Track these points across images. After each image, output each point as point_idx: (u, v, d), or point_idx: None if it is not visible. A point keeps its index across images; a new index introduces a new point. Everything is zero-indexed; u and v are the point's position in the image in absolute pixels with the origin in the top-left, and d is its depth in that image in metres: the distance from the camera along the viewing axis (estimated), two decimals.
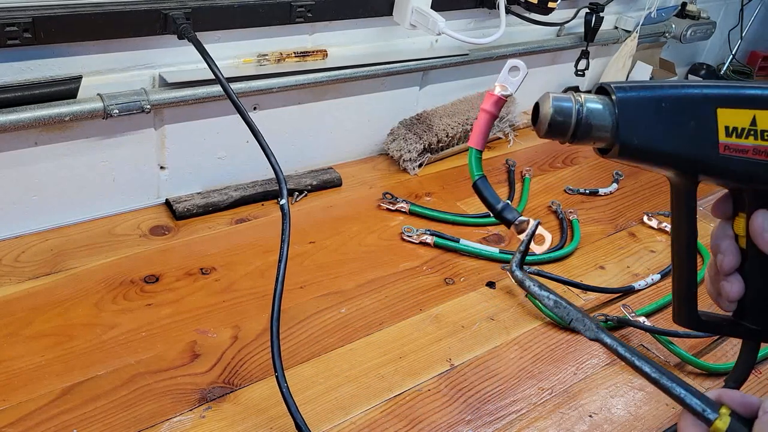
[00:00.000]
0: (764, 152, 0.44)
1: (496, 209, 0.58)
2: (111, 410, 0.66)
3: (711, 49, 1.77)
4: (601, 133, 0.45)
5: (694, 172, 0.48)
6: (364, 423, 0.69)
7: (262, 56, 0.95)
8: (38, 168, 0.84)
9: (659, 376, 0.47)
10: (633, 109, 0.45)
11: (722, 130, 0.44)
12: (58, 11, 0.75)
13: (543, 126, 0.46)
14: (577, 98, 0.46)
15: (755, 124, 0.44)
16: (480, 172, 0.58)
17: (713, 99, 0.44)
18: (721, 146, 0.44)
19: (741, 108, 0.44)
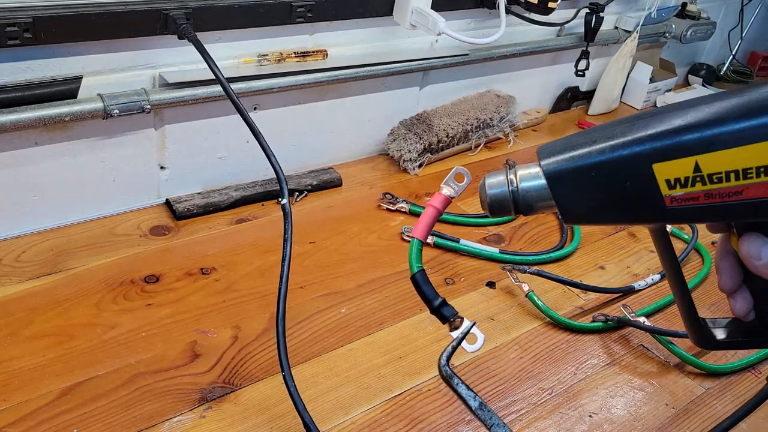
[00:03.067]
0: (718, 195, 0.40)
1: (433, 305, 0.57)
2: (111, 410, 0.66)
3: (711, 50, 1.77)
4: (544, 205, 0.45)
5: (652, 224, 0.46)
6: (365, 423, 0.69)
7: (263, 56, 0.95)
8: (38, 168, 0.84)
9: None
10: (564, 183, 0.43)
11: (663, 185, 0.40)
12: (58, 11, 0.75)
13: (486, 210, 0.47)
14: (511, 179, 0.45)
15: (699, 170, 0.39)
16: (419, 265, 0.57)
17: (645, 157, 0.40)
18: (667, 199, 0.41)
19: (679, 158, 0.39)
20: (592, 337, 0.85)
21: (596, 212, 0.43)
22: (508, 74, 1.31)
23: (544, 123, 1.41)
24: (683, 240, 1.06)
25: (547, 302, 0.87)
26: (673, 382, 0.79)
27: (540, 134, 1.36)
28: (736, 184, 0.39)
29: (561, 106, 1.47)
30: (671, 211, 0.41)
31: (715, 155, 0.39)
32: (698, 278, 0.97)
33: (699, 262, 1.02)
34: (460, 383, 0.61)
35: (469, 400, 0.60)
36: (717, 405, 0.77)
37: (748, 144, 0.38)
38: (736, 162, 0.38)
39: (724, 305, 0.94)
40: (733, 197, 0.40)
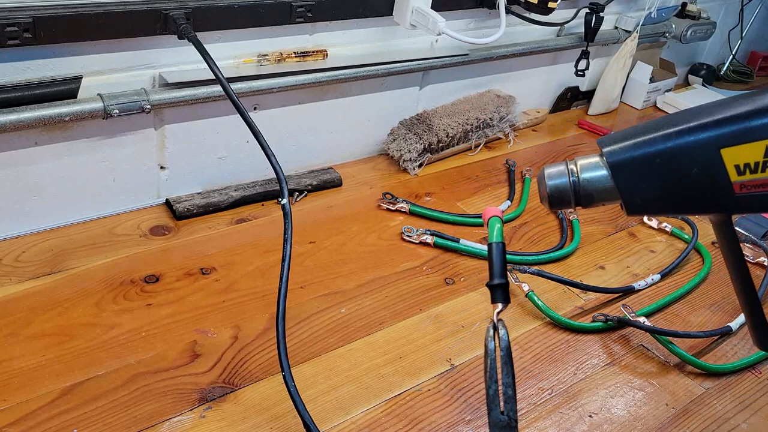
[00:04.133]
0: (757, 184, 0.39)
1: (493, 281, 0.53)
2: (111, 410, 0.66)
3: (711, 49, 1.77)
4: (606, 197, 0.43)
5: (718, 213, 0.44)
6: (365, 423, 0.69)
7: (263, 56, 0.95)
8: (38, 168, 0.84)
9: None
10: (629, 171, 0.42)
11: (732, 171, 0.39)
12: (58, 11, 0.75)
13: (545, 203, 0.46)
14: (572, 169, 0.44)
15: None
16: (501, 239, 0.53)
17: (713, 141, 0.39)
18: (736, 186, 0.39)
19: (749, 142, 0.38)
20: (592, 337, 0.85)
21: (660, 202, 0.41)
22: (508, 74, 1.31)
23: (544, 123, 1.41)
24: (683, 240, 1.06)
25: (547, 302, 0.87)
26: (673, 382, 0.79)
27: (540, 134, 1.36)
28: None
29: (561, 106, 1.47)
30: (739, 198, 0.40)
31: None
32: (698, 278, 0.97)
33: (699, 262, 1.02)
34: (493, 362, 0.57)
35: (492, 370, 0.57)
36: (717, 405, 0.77)
37: None
38: None
39: (724, 305, 0.94)
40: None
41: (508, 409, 0.54)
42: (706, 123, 0.39)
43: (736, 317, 0.90)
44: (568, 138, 1.37)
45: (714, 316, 0.91)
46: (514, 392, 0.54)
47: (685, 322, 0.90)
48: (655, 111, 1.56)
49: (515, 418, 0.53)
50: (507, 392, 0.54)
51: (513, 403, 0.54)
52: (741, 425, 0.75)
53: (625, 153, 0.42)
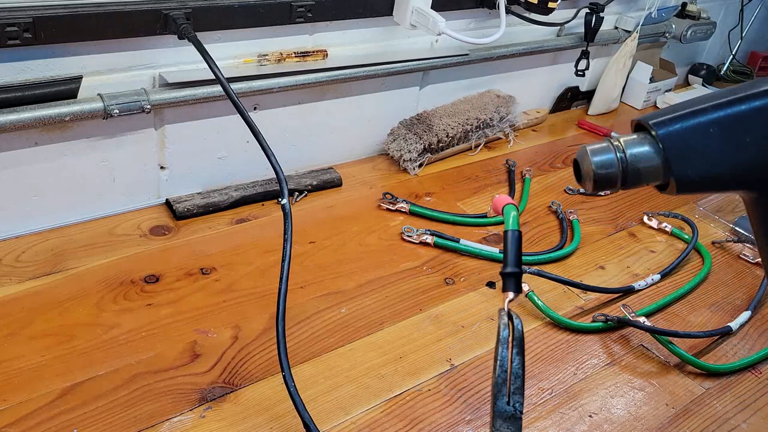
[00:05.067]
0: None
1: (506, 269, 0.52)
2: (111, 410, 0.66)
3: (711, 50, 1.77)
4: (652, 174, 0.42)
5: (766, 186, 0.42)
6: (365, 423, 0.69)
7: (263, 56, 0.95)
8: (38, 168, 0.84)
9: None
10: (680, 143, 0.40)
11: None
12: (58, 11, 0.75)
13: (589, 183, 0.43)
14: (617, 145, 0.42)
15: None
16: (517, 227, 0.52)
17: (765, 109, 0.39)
18: None
19: None
20: (592, 337, 0.85)
21: (713, 175, 0.40)
22: (508, 74, 1.31)
23: (544, 123, 1.41)
24: (683, 240, 1.06)
25: (547, 302, 0.87)
26: (673, 382, 0.79)
27: (540, 134, 1.36)
28: None
29: (561, 106, 1.47)
30: None
31: None
32: (698, 278, 0.97)
33: (699, 262, 1.02)
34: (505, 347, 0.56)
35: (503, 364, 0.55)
36: (717, 405, 0.77)
37: None
38: None
39: (724, 305, 0.94)
40: None
41: (515, 401, 0.52)
42: (759, 92, 0.39)
43: (736, 317, 0.90)
44: (568, 138, 1.37)
45: (714, 316, 0.91)
46: (523, 384, 0.51)
47: (685, 322, 0.90)
48: None
49: (521, 410, 0.51)
50: (516, 382, 0.53)
51: (521, 395, 0.52)
52: (741, 425, 0.75)
53: (676, 124, 0.40)
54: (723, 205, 1.19)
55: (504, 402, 0.52)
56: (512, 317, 0.54)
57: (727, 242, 1.08)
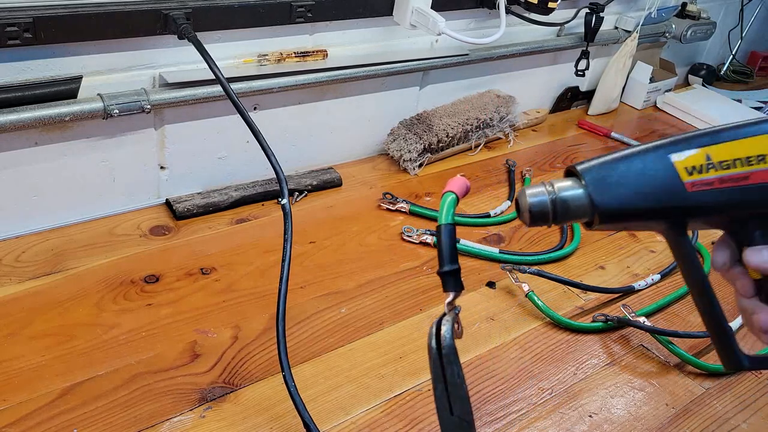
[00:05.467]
0: (729, 180, 0.49)
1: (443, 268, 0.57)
2: (111, 410, 0.66)
3: (711, 50, 1.77)
4: (579, 209, 0.50)
5: (677, 217, 0.51)
6: (365, 423, 0.69)
7: (263, 56, 0.95)
8: (39, 168, 0.84)
9: None
10: (600, 179, 0.49)
11: (683, 172, 0.49)
12: (58, 11, 0.75)
13: (526, 219, 0.51)
14: (549, 189, 0.50)
15: (710, 160, 0.49)
16: (453, 220, 0.58)
17: (666, 149, 0.49)
18: (688, 185, 0.49)
19: (692, 151, 0.49)
20: (592, 337, 0.85)
21: (627, 203, 0.49)
22: (508, 74, 1.31)
23: (544, 123, 1.41)
24: None
25: (547, 302, 0.87)
26: (673, 382, 0.79)
27: (540, 134, 1.36)
28: (742, 170, 0.48)
29: (561, 106, 1.47)
30: (693, 195, 0.49)
31: (721, 146, 0.49)
32: None
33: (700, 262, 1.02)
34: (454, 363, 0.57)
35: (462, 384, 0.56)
36: (717, 405, 0.77)
37: (746, 138, 0.48)
38: (739, 152, 0.48)
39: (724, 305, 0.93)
40: (741, 182, 0.49)
41: (457, 410, 0.54)
42: (660, 143, 0.49)
43: (736, 317, 0.90)
44: (568, 138, 1.37)
45: None
46: (465, 391, 0.53)
47: (685, 322, 0.90)
48: (655, 111, 1.56)
49: (467, 418, 0.53)
50: (454, 393, 0.54)
51: (463, 403, 0.54)
52: (741, 425, 0.75)
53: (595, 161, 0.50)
54: None
55: (448, 415, 0.54)
56: (440, 327, 0.55)
57: None
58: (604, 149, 1.34)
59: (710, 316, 0.54)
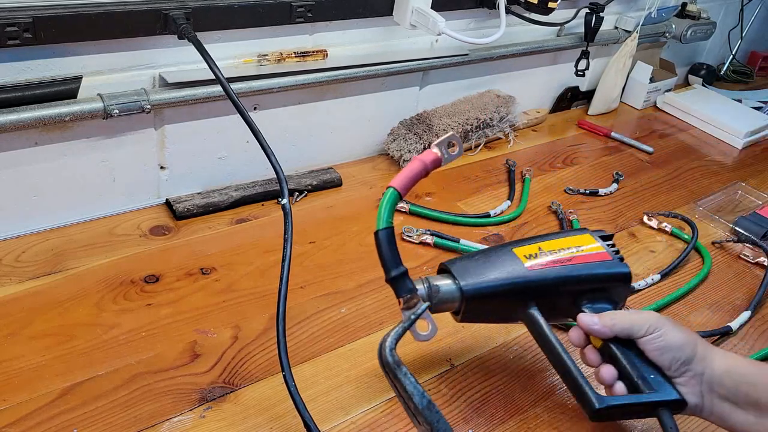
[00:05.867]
0: (558, 261, 0.68)
1: (390, 274, 0.63)
2: (111, 410, 0.66)
3: (711, 49, 1.77)
4: (449, 293, 0.65)
5: (526, 293, 0.67)
6: (365, 423, 0.69)
7: (262, 56, 0.95)
8: (38, 168, 0.84)
9: None
10: (464, 268, 0.67)
11: (523, 258, 0.68)
12: (58, 11, 0.75)
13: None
14: (425, 282, 0.65)
15: (542, 250, 0.69)
16: (389, 221, 0.63)
17: (509, 245, 0.69)
18: (528, 266, 0.67)
19: (529, 245, 0.70)
20: None
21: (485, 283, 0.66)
22: (508, 74, 1.31)
23: (544, 123, 1.41)
24: (683, 240, 1.06)
25: None
26: None
27: (540, 134, 1.36)
28: (565, 256, 0.69)
29: (561, 106, 1.47)
30: (532, 272, 0.67)
31: (549, 242, 0.70)
32: (698, 278, 0.97)
33: (699, 262, 1.02)
34: (407, 375, 0.58)
35: (415, 396, 0.57)
36: None
37: (567, 236, 0.71)
38: (562, 244, 0.70)
39: (724, 305, 0.94)
40: (567, 262, 0.68)
41: (422, 420, 0.55)
42: (506, 243, 0.70)
43: (736, 317, 0.90)
44: (568, 138, 1.37)
45: (714, 316, 0.91)
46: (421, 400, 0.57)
47: (685, 322, 0.90)
48: (656, 111, 1.56)
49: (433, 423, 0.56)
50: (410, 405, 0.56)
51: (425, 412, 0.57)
52: None
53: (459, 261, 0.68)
54: (723, 205, 1.19)
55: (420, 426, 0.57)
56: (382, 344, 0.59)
57: (727, 242, 1.08)
58: (604, 149, 1.34)
59: (566, 376, 0.64)
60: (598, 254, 0.70)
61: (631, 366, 0.63)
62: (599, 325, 0.65)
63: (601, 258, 0.70)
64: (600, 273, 0.69)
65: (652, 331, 0.63)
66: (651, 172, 1.28)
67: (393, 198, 0.63)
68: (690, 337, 0.64)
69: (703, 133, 1.49)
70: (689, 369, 0.63)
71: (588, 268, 0.68)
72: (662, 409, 0.62)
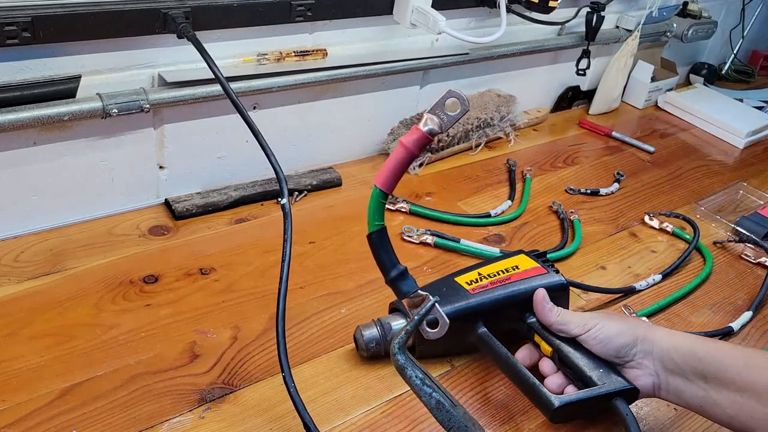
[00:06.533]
0: (497, 281, 0.76)
1: (390, 275, 0.63)
2: (111, 410, 0.66)
3: (712, 49, 1.77)
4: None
5: (473, 317, 0.73)
6: (365, 423, 0.68)
7: (262, 55, 0.95)
8: (37, 168, 0.84)
9: None
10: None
11: (465, 284, 0.75)
12: (57, 11, 0.74)
13: (362, 347, 0.73)
14: (377, 324, 0.74)
15: (481, 274, 0.77)
16: (379, 223, 0.63)
17: (450, 276, 0.77)
18: (470, 291, 0.74)
19: (469, 272, 0.78)
20: None
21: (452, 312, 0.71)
22: (508, 73, 1.31)
23: (545, 122, 1.41)
24: (685, 240, 1.06)
25: None
26: None
27: (541, 134, 1.36)
28: (503, 276, 0.77)
29: (562, 106, 1.47)
30: (475, 295, 0.74)
31: (486, 267, 0.78)
32: (700, 278, 0.97)
33: (700, 262, 1.02)
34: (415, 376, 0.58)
35: (424, 397, 0.56)
36: None
37: (502, 260, 0.80)
38: (497, 267, 0.78)
39: (726, 305, 0.94)
40: (506, 281, 0.76)
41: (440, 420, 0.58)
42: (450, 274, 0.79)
43: (737, 317, 0.90)
44: (569, 138, 1.37)
45: (715, 317, 0.91)
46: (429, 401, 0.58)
47: (686, 322, 0.89)
48: (657, 110, 1.56)
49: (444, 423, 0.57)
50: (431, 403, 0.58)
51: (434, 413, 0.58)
52: None
53: None
54: (724, 204, 1.18)
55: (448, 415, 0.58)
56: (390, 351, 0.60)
57: (728, 242, 1.08)
58: (605, 149, 1.34)
59: (523, 383, 0.68)
60: (534, 269, 0.77)
61: (582, 363, 0.68)
62: (550, 305, 0.71)
63: (537, 272, 0.77)
64: (537, 285, 0.74)
65: (588, 329, 0.68)
66: (652, 171, 1.28)
67: (377, 197, 0.62)
68: (627, 323, 0.69)
69: (705, 132, 1.48)
70: (637, 351, 0.66)
71: (526, 283, 0.75)
72: (616, 399, 0.66)
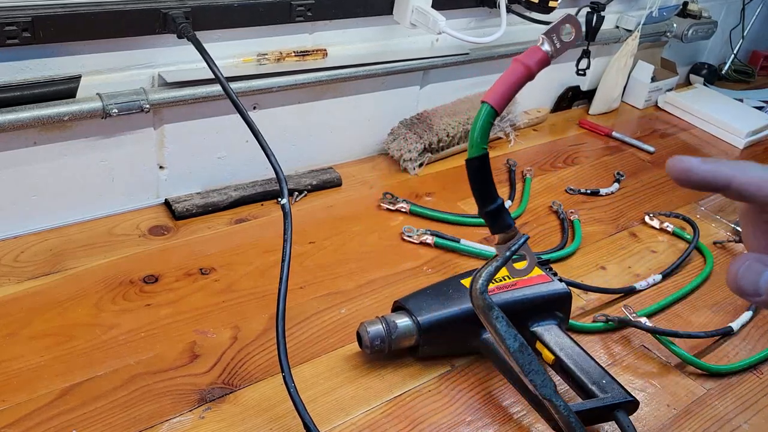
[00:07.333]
0: (503, 287, 0.76)
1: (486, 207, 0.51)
2: (110, 410, 0.66)
3: (712, 49, 1.77)
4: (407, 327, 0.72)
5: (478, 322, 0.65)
6: (365, 424, 0.68)
7: (262, 55, 0.95)
8: (37, 168, 0.84)
9: None
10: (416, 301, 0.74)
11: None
12: (57, 10, 0.74)
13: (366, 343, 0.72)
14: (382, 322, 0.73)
15: None
16: (484, 146, 0.49)
17: (457, 278, 0.77)
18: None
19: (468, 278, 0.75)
20: (592, 338, 0.84)
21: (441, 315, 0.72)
22: None
23: (545, 122, 1.41)
24: (685, 240, 1.06)
25: None
26: (674, 383, 0.79)
27: (541, 134, 1.36)
28: (510, 281, 0.77)
29: (562, 106, 1.47)
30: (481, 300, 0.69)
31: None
32: (700, 278, 0.97)
33: (701, 262, 1.02)
34: (500, 317, 0.56)
35: (509, 339, 0.56)
36: (718, 405, 0.77)
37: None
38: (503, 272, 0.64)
39: (726, 305, 0.93)
40: (512, 287, 0.76)
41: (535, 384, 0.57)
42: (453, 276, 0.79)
43: (737, 317, 0.90)
44: (569, 138, 1.37)
45: (715, 317, 0.91)
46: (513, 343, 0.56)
47: (686, 322, 0.89)
48: (657, 110, 1.56)
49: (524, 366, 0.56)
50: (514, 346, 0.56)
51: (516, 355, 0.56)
52: (743, 426, 0.75)
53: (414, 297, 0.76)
54: (724, 205, 1.18)
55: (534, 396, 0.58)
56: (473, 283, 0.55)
57: (728, 242, 1.08)
58: (605, 149, 1.34)
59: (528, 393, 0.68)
60: (539, 277, 0.79)
61: (583, 374, 0.69)
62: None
63: (542, 280, 0.79)
64: (543, 292, 0.77)
65: None
66: (652, 171, 1.28)
67: (487, 116, 0.50)
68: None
69: (705, 132, 1.48)
70: None
71: (532, 290, 0.77)
72: (617, 411, 0.67)
